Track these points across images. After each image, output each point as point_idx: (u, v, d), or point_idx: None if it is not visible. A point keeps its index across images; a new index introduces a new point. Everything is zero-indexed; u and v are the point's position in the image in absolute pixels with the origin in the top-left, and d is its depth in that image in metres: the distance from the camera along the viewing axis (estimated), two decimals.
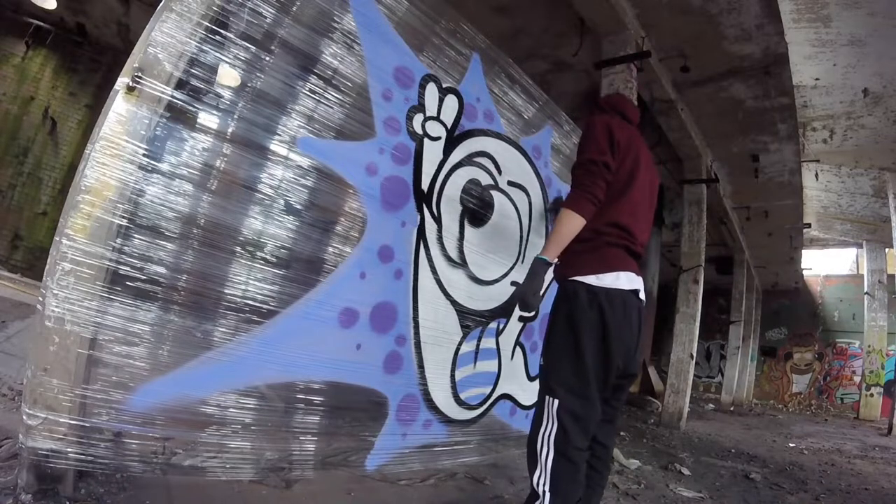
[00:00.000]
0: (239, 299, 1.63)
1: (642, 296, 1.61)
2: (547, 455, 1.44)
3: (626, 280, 1.56)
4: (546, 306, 3.05)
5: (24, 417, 1.29)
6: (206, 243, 1.58)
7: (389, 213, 2.09)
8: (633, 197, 1.65)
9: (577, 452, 1.45)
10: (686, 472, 3.33)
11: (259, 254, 1.70)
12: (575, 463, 1.45)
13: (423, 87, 2.23)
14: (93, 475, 1.49)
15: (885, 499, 3.25)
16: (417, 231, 2.22)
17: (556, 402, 1.48)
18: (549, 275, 1.61)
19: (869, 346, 10.38)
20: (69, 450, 1.31)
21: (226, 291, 1.62)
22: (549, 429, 1.47)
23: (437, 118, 2.30)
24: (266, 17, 1.68)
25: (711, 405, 10.32)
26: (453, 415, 2.45)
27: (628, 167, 1.64)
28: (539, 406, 1.54)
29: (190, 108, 1.53)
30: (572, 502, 1.44)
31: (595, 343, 1.49)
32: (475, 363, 2.58)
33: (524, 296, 1.54)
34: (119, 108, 1.41)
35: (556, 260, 1.56)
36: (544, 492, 1.41)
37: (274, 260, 1.73)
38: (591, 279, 1.52)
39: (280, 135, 1.75)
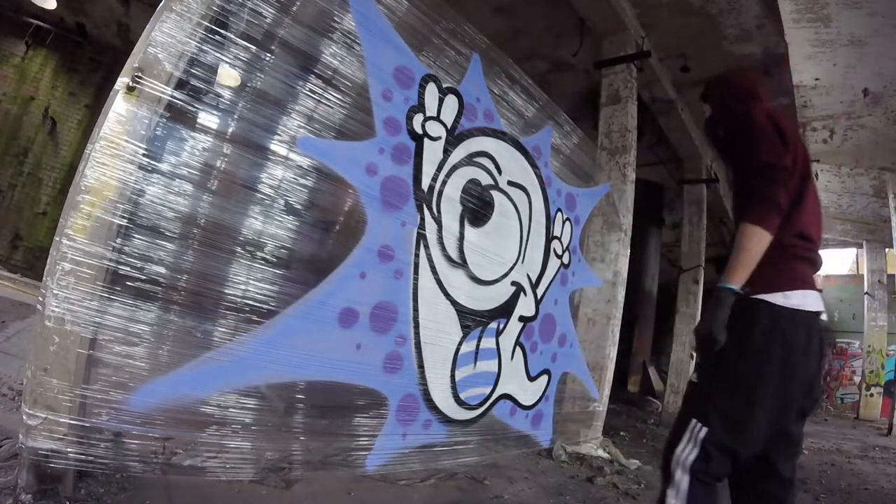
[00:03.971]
0: (239, 299, 1.63)
1: (825, 317, 1.41)
2: (682, 477, 1.32)
3: (812, 301, 1.35)
4: (546, 306, 3.06)
5: (24, 417, 1.29)
6: (206, 243, 1.58)
7: (389, 213, 2.09)
8: (810, 198, 1.44)
9: (715, 480, 1.33)
10: None
11: (259, 254, 1.70)
12: (713, 487, 1.32)
13: (423, 87, 2.23)
14: (93, 475, 1.49)
15: (885, 499, 3.25)
16: (417, 231, 2.22)
17: (705, 430, 1.31)
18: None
19: (869, 346, 10.39)
20: (69, 450, 1.31)
21: (226, 291, 1.62)
22: (689, 453, 1.32)
23: (437, 118, 2.30)
24: (266, 17, 1.68)
25: None
26: (453, 415, 2.45)
27: (801, 164, 1.43)
28: (682, 422, 1.37)
29: (190, 108, 1.53)
30: None
31: (772, 373, 1.30)
32: (475, 363, 2.58)
33: (713, 332, 1.29)
34: (119, 108, 1.41)
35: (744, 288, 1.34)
36: None
37: (274, 260, 1.73)
38: (777, 298, 1.32)
39: (280, 135, 1.75)
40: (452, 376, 2.44)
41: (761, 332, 1.31)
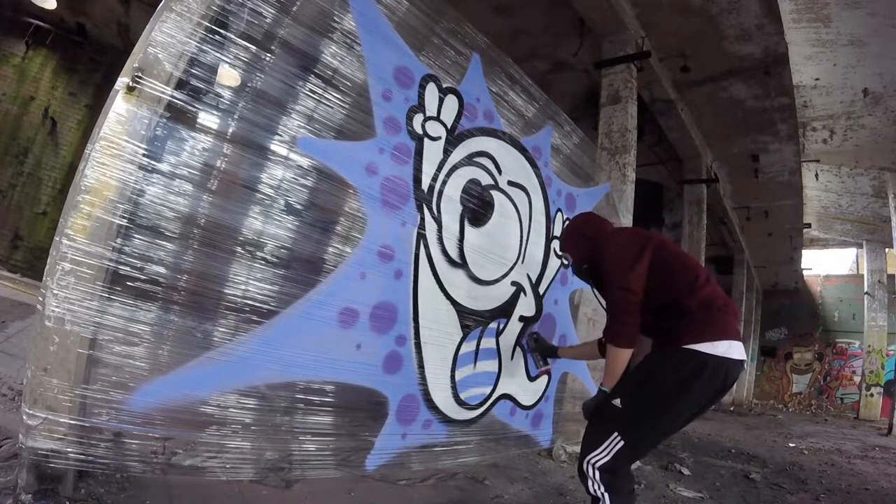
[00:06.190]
0: (239, 299, 1.63)
1: (746, 365, 1.71)
2: (594, 473, 1.58)
3: (737, 350, 1.56)
4: (546, 306, 3.06)
5: (24, 417, 1.29)
6: (206, 243, 1.57)
7: (389, 213, 2.09)
8: (702, 272, 1.70)
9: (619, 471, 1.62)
10: (686, 472, 3.33)
11: (259, 254, 1.70)
12: (620, 475, 1.61)
13: (423, 87, 2.23)
14: (93, 475, 1.49)
15: (885, 499, 3.25)
16: (417, 231, 2.22)
17: (623, 443, 1.55)
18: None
19: (869, 346, 10.39)
20: (69, 450, 1.31)
21: (226, 291, 1.62)
22: (601, 458, 1.57)
23: (437, 118, 2.30)
24: (266, 17, 1.68)
25: None
26: (453, 415, 2.45)
27: (673, 248, 1.76)
28: (602, 434, 1.60)
29: (190, 108, 1.53)
30: (629, 492, 1.62)
31: (686, 408, 1.57)
32: (475, 363, 2.58)
33: (588, 412, 1.71)
34: (119, 108, 1.41)
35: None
36: (603, 493, 1.55)
37: (274, 260, 1.73)
38: (705, 347, 1.52)
39: (280, 135, 1.75)
40: (452, 376, 2.44)
41: (687, 377, 1.52)
